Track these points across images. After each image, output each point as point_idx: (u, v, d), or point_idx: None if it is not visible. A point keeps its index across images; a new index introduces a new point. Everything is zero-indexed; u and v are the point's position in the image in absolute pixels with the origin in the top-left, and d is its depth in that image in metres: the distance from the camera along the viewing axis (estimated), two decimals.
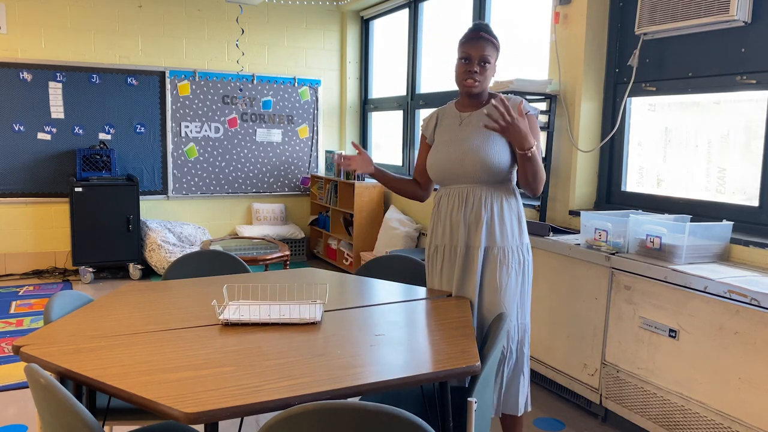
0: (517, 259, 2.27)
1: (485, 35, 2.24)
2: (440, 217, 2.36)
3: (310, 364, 1.59)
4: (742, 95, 2.89)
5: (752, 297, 2.21)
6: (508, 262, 2.24)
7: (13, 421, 2.86)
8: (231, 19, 6.09)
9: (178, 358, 1.62)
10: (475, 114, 2.31)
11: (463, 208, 2.27)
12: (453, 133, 2.33)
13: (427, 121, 2.51)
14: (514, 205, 2.30)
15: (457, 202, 2.29)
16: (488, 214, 2.24)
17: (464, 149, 2.25)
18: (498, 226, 2.25)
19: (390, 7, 5.97)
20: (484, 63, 2.22)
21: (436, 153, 2.35)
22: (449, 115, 2.41)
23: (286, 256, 4.45)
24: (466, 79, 2.25)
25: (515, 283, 2.26)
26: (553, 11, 3.61)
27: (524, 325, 2.30)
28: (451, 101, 2.46)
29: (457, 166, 2.26)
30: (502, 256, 2.24)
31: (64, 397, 1.30)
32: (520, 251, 2.28)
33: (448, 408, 1.77)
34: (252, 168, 6.34)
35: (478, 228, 2.25)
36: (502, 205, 2.26)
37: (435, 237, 2.39)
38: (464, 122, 2.33)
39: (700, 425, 2.43)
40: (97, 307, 2.06)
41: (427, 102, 5.48)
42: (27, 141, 5.46)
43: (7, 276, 5.52)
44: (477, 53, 2.21)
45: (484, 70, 2.24)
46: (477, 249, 2.25)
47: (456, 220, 2.29)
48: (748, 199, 2.86)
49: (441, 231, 2.36)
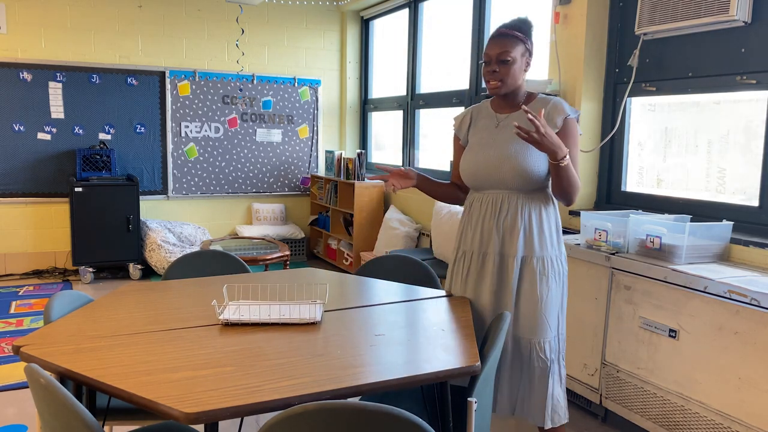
0: (557, 269, 2.19)
1: (504, 31, 2.15)
2: (471, 222, 2.26)
3: (310, 364, 1.59)
4: (742, 95, 2.89)
5: (752, 297, 2.21)
6: (547, 272, 2.16)
7: (13, 421, 2.86)
8: (231, 19, 6.09)
9: (178, 358, 1.62)
10: (513, 116, 2.21)
11: (497, 216, 2.18)
12: (489, 136, 2.22)
13: (459, 120, 2.38)
14: (552, 213, 2.21)
15: (491, 208, 2.20)
16: (525, 223, 2.15)
17: (502, 154, 2.14)
18: (537, 234, 2.16)
19: (390, 7, 5.97)
20: (503, 62, 2.12)
21: (471, 156, 2.24)
22: (485, 115, 2.30)
23: (286, 256, 4.45)
24: (488, 81, 2.16)
25: (555, 294, 2.18)
26: (553, 11, 3.61)
27: (563, 335, 2.24)
28: (486, 99, 2.35)
29: (493, 171, 2.16)
30: (541, 267, 2.16)
31: (64, 397, 1.30)
32: (559, 261, 2.20)
33: (448, 408, 1.77)
34: (252, 168, 6.35)
35: (514, 236, 2.15)
36: (540, 213, 2.17)
37: (464, 242, 2.29)
38: (501, 124, 2.22)
39: (700, 425, 2.43)
40: (97, 307, 2.06)
41: (427, 102, 5.48)
42: (27, 141, 5.46)
43: (7, 276, 5.52)
44: (494, 52, 2.13)
45: (506, 68, 2.12)
46: (513, 258, 2.16)
47: (488, 227, 2.20)
48: (748, 199, 2.86)
49: (471, 237, 2.26)
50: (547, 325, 2.16)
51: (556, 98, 2.18)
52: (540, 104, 2.17)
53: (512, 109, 2.23)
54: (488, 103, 2.32)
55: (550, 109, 2.14)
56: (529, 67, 2.18)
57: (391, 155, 6.22)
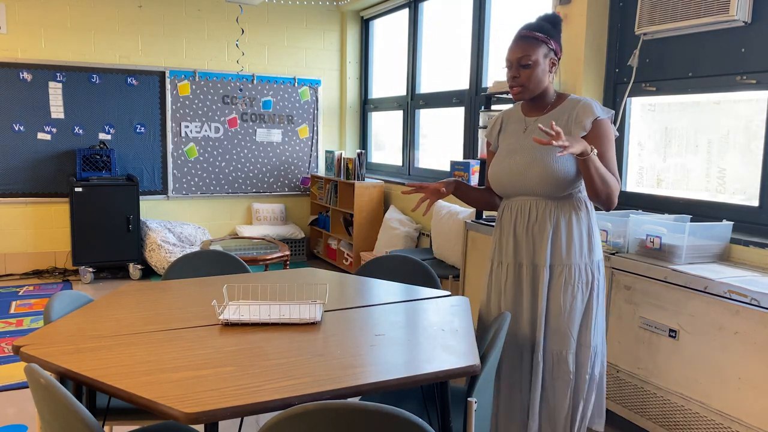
0: (585, 278, 2.09)
1: (525, 33, 2.08)
2: (503, 232, 2.19)
3: (310, 364, 1.59)
4: (742, 95, 2.89)
5: (752, 297, 2.21)
6: (573, 281, 2.07)
7: (13, 421, 2.86)
8: (231, 19, 6.09)
9: (178, 358, 1.62)
10: (541, 120, 2.12)
11: (526, 223, 2.12)
12: (517, 141, 2.15)
13: (491, 126, 2.32)
14: (584, 219, 2.10)
15: (520, 216, 2.14)
16: (553, 230, 2.08)
17: (527, 160, 2.07)
18: (565, 242, 2.07)
19: (390, 7, 5.97)
20: (523, 66, 2.05)
21: (498, 163, 2.17)
22: (515, 119, 2.23)
23: (286, 256, 4.45)
24: (510, 87, 2.11)
25: (581, 304, 2.08)
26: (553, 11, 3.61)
27: (595, 347, 2.11)
28: (516, 104, 2.27)
29: (518, 178, 2.09)
30: (567, 275, 2.07)
31: (64, 397, 1.30)
32: (589, 269, 2.10)
33: (448, 408, 1.77)
34: (252, 168, 6.35)
35: (543, 244, 2.08)
36: (570, 219, 2.08)
37: (498, 253, 2.22)
38: (529, 129, 2.14)
39: (700, 425, 2.43)
40: (97, 307, 2.06)
41: (427, 102, 5.48)
42: (27, 141, 5.46)
43: (7, 276, 5.52)
44: (514, 57, 2.07)
45: (528, 72, 2.05)
46: (543, 267, 2.09)
47: (520, 235, 2.13)
48: (748, 199, 2.86)
49: (504, 247, 2.19)
50: (569, 336, 2.07)
51: (586, 99, 2.10)
52: (570, 105, 2.09)
53: (541, 112, 2.15)
54: (519, 107, 2.25)
55: (578, 111, 2.06)
56: (555, 67, 2.10)
57: (391, 155, 6.22)
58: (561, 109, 2.10)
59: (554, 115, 2.10)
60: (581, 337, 2.09)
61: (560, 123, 2.07)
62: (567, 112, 2.08)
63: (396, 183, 5.53)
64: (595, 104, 2.07)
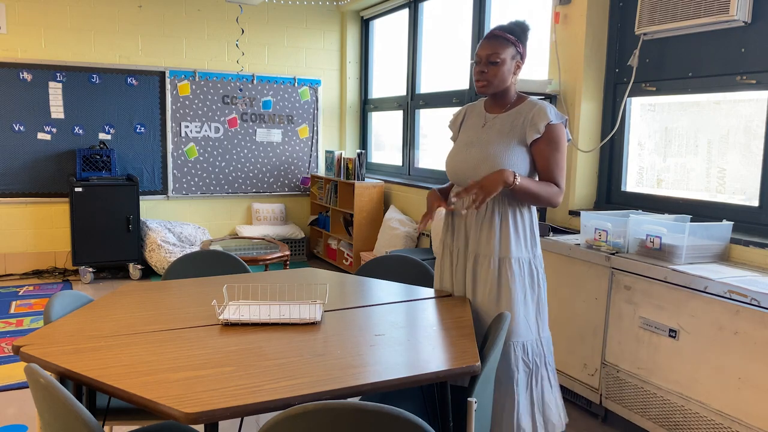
0: (529, 271, 2.20)
1: (496, 33, 2.19)
2: (454, 220, 2.31)
3: (310, 364, 1.59)
4: (742, 95, 2.89)
5: (752, 297, 2.21)
6: (523, 273, 2.19)
7: (13, 421, 2.86)
8: (231, 19, 6.09)
9: (178, 358, 1.62)
10: (500, 118, 2.24)
11: (475, 215, 2.22)
12: (475, 134, 2.27)
13: (455, 117, 2.45)
14: (527, 216, 2.22)
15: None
16: (500, 224, 2.18)
17: (481, 155, 2.18)
18: (513, 236, 2.18)
19: (390, 7, 5.97)
20: (492, 62, 2.16)
21: (455, 153, 2.29)
22: (476, 113, 2.35)
23: (286, 256, 4.45)
24: (476, 81, 2.21)
25: (528, 297, 2.20)
26: (553, 11, 3.61)
27: (545, 338, 2.23)
28: (481, 99, 2.40)
29: (472, 171, 2.20)
30: (516, 268, 2.18)
31: (64, 397, 1.30)
32: (533, 264, 2.22)
33: (448, 408, 1.77)
34: (252, 168, 6.35)
35: (490, 237, 2.18)
36: (516, 215, 2.19)
37: (447, 238, 2.34)
38: (488, 124, 2.26)
39: (700, 425, 2.43)
40: (97, 307, 2.06)
41: (427, 102, 5.48)
42: (27, 141, 5.46)
43: (7, 276, 5.52)
44: (484, 53, 2.18)
45: (495, 69, 2.17)
46: (488, 258, 2.19)
47: (469, 225, 2.24)
48: (748, 199, 2.86)
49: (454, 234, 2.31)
50: (527, 326, 2.17)
51: (541, 103, 2.20)
52: (527, 107, 2.20)
53: (501, 109, 2.27)
54: (482, 102, 2.36)
55: (534, 114, 2.16)
56: (519, 70, 2.23)
57: (391, 155, 6.22)
58: (518, 110, 2.22)
59: (512, 115, 2.22)
60: (538, 329, 2.21)
61: (516, 123, 2.19)
62: (523, 114, 2.19)
63: (396, 183, 5.53)
64: (550, 109, 2.17)
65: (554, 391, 2.23)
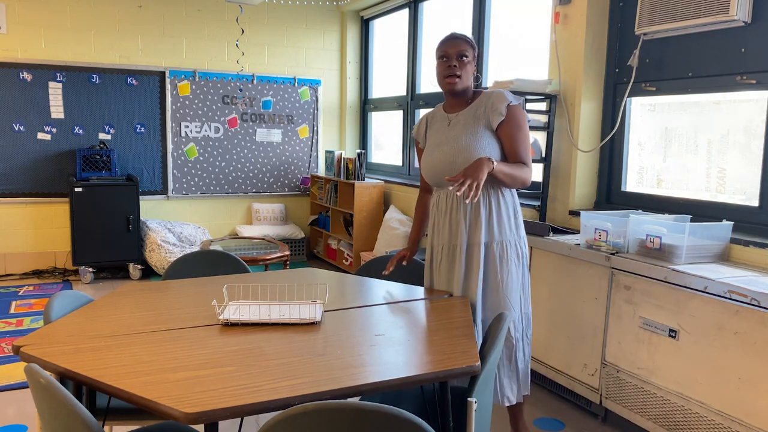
0: (516, 252, 2.35)
1: (459, 35, 2.34)
2: (439, 218, 2.42)
3: (310, 364, 1.59)
4: (742, 95, 2.89)
5: (752, 297, 2.21)
6: (507, 256, 2.32)
7: (13, 421, 2.86)
8: (231, 19, 6.09)
9: (178, 358, 1.62)
10: (462, 114, 2.37)
11: (462, 206, 2.33)
12: (442, 135, 2.39)
13: (417, 126, 2.58)
14: (509, 199, 2.36)
15: (455, 202, 2.36)
16: (486, 210, 2.31)
17: (454, 149, 2.31)
18: (496, 221, 2.31)
19: (390, 7, 5.97)
20: (461, 57, 2.29)
21: (429, 156, 2.41)
22: (438, 118, 2.47)
23: (286, 256, 4.45)
24: (446, 77, 2.31)
25: (516, 277, 2.34)
26: (553, 11, 3.61)
27: (527, 314, 2.42)
28: (438, 105, 2.52)
29: (449, 166, 2.31)
30: (501, 251, 2.32)
31: (64, 397, 1.30)
32: (518, 245, 2.36)
33: (448, 408, 1.77)
34: (252, 168, 6.35)
35: (478, 225, 2.31)
36: (499, 200, 2.32)
37: (435, 237, 2.45)
38: (452, 123, 2.39)
39: (700, 425, 2.43)
40: (97, 307, 2.06)
41: (427, 102, 5.48)
42: (27, 141, 5.46)
43: (7, 276, 5.52)
44: (454, 50, 2.30)
45: (464, 65, 2.30)
46: (478, 246, 2.31)
47: (456, 218, 2.35)
48: (748, 199, 2.86)
49: (441, 231, 2.42)
50: (510, 306, 2.33)
51: (496, 89, 2.37)
52: (485, 97, 2.35)
53: (461, 107, 2.40)
54: (440, 107, 2.50)
55: (493, 100, 2.30)
56: (475, 74, 2.40)
57: (391, 155, 6.22)
58: (478, 102, 2.36)
59: (472, 108, 2.36)
60: (521, 306, 2.38)
61: (479, 113, 2.33)
62: (483, 103, 2.34)
63: (396, 183, 5.53)
64: (506, 93, 2.33)
65: (527, 361, 2.45)
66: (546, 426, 2.90)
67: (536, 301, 3.26)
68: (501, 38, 4.53)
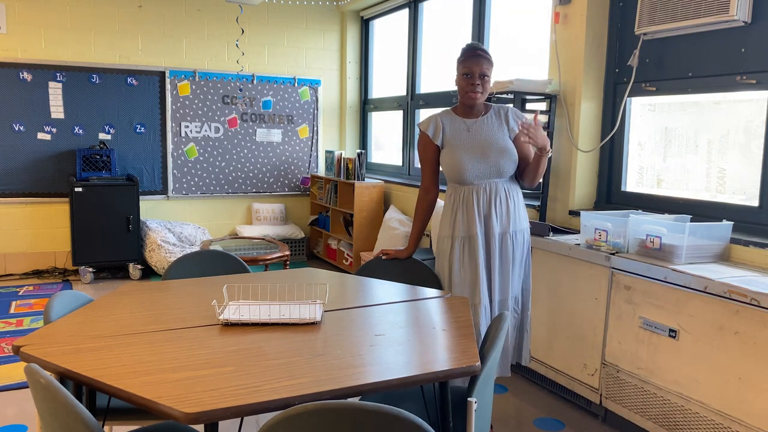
0: (528, 239, 2.70)
1: (482, 53, 2.57)
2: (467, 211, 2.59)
3: (310, 364, 1.59)
4: (741, 95, 2.89)
5: (752, 297, 2.21)
6: (524, 241, 2.66)
7: (13, 421, 2.86)
8: (231, 19, 6.09)
9: (178, 358, 1.62)
10: (482, 120, 2.65)
11: (495, 200, 2.58)
12: (466, 137, 2.62)
13: (431, 126, 2.70)
14: (520, 192, 2.69)
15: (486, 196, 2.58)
16: (513, 203, 2.61)
17: (490, 149, 2.57)
18: (520, 211, 2.65)
19: (390, 7, 5.97)
20: (484, 76, 2.56)
21: (456, 155, 2.59)
22: (453, 121, 2.67)
23: (286, 256, 4.45)
24: (469, 92, 2.57)
25: (526, 259, 2.69)
26: (553, 11, 3.61)
27: (526, 290, 2.72)
28: (446, 110, 2.73)
29: (482, 165, 2.56)
30: (523, 239, 2.65)
31: (64, 397, 1.30)
32: (528, 232, 2.71)
33: (448, 408, 1.77)
34: (252, 168, 6.35)
35: (508, 216, 2.60)
36: (518, 193, 2.65)
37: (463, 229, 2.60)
38: (472, 128, 2.63)
39: (700, 425, 2.43)
40: (97, 307, 2.06)
41: (427, 102, 5.48)
42: (27, 141, 5.46)
43: (7, 276, 5.52)
44: (478, 69, 2.55)
45: (485, 83, 2.57)
46: (508, 234, 2.60)
47: (488, 211, 2.58)
48: (748, 199, 2.86)
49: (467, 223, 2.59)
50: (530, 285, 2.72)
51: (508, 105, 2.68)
52: (501, 111, 2.66)
53: (476, 116, 2.66)
54: (451, 112, 2.71)
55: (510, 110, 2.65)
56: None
57: (391, 155, 6.22)
58: (494, 112, 2.66)
59: (491, 117, 2.65)
60: (524, 283, 2.71)
61: (500, 119, 2.64)
62: (502, 113, 2.65)
63: (396, 183, 5.53)
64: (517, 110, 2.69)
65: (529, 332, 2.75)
66: (546, 426, 2.90)
67: (536, 301, 3.26)
68: (501, 38, 4.52)
